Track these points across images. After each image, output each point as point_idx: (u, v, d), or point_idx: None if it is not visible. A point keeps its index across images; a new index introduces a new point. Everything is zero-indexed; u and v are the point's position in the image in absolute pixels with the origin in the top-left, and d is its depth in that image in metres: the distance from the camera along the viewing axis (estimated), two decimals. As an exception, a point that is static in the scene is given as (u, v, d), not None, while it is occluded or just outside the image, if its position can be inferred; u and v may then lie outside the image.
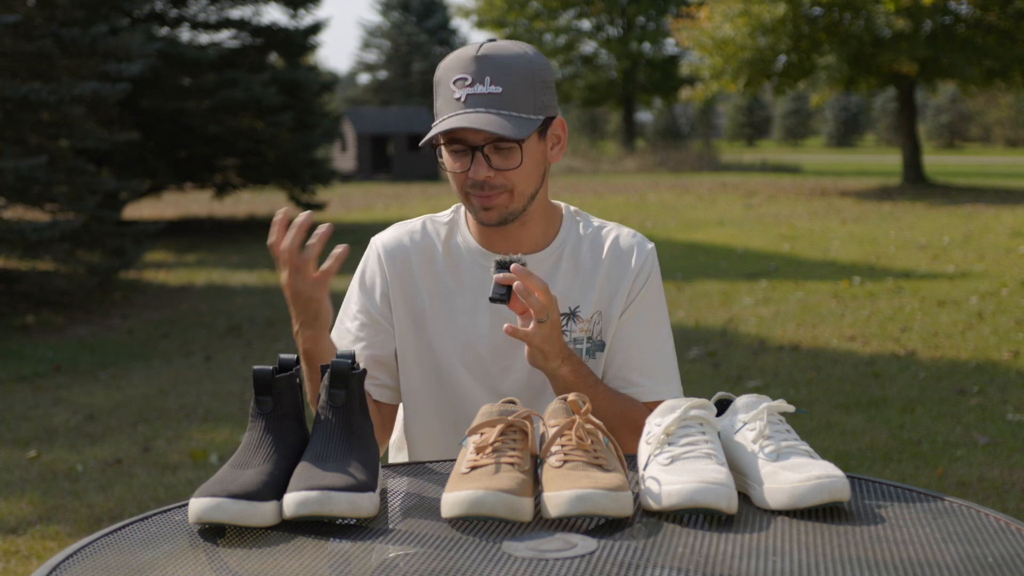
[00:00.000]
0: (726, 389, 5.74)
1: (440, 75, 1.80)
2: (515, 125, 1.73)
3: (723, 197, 20.81)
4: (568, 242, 1.92)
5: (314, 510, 1.33)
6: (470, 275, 1.90)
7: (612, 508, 1.31)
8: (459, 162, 1.80)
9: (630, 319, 1.90)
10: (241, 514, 1.34)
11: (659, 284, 1.94)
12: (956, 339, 6.97)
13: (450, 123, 1.74)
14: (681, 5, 32.77)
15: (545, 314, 1.68)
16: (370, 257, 1.96)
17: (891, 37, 20.96)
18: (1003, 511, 3.56)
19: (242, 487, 1.36)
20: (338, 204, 21.15)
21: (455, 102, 1.75)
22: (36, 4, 9.95)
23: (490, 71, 1.75)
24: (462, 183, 1.81)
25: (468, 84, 1.75)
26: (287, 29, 17.59)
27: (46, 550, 3.72)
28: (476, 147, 1.76)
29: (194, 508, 1.36)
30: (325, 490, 1.34)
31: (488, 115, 1.73)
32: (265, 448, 1.45)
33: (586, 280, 1.90)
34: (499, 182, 1.78)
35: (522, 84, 1.76)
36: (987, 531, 1.33)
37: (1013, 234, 13.03)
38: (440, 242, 1.93)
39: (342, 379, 1.48)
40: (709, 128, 61.88)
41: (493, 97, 1.74)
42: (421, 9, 50.84)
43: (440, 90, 1.79)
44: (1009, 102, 54.57)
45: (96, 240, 10.15)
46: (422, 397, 1.93)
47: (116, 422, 5.56)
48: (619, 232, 1.94)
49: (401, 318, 1.92)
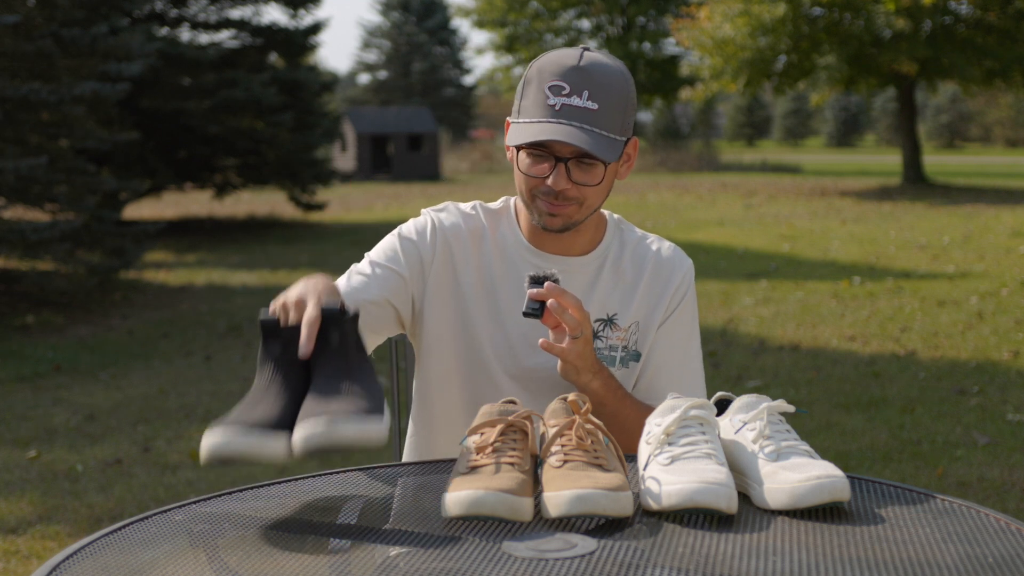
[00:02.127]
0: (726, 389, 5.74)
1: (534, 75, 1.78)
2: (606, 146, 1.74)
3: (723, 197, 20.81)
4: (611, 250, 1.93)
5: (322, 441, 1.32)
6: (514, 269, 1.90)
7: (612, 508, 1.31)
8: (537, 167, 1.79)
9: (666, 333, 1.92)
10: (256, 446, 1.34)
11: (695, 301, 1.96)
12: (956, 339, 6.97)
13: (546, 133, 1.73)
14: (681, 5, 32.75)
15: (579, 331, 1.69)
16: (420, 224, 1.93)
17: (891, 37, 20.96)
18: (1003, 511, 3.56)
19: (259, 419, 1.37)
20: (338, 204, 21.14)
21: (548, 108, 1.74)
22: (36, 4, 9.95)
23: (589, 85, 1.74)
24: (533, 186, 1.81)
25: (565, 94, 1.74)
26: (287, 29, 17.58)
27: (46, 550, 3.72)
28: (561, 158, 1.76)
29: (205, 445, 1.35)
30: (331, 416, 1.34)
31: (583, 132, 1.73)
32: (276, 388, 1.45)
33: (626, 290, 1.91)
34: (574, 195, 1.79)
35: (616, 105, 1.76)
36: (987, 531, 1.33)
37: (1013, 234, 13.03)
38: (490, 230, 1.93)
39: (335, 322, 1.48)
40: (709, 128, 61.83)
41: (588, 112, 1.74)
42: (421, 9, 50.86)
43: (531, 90, 1.78)
44: (1009, 102, 54.55)
45: (96, 240, 10.15)
46: (451, 378, 1.92)
47: (116, 422, 5.56)
48: (660, 245, 1.96)
49: (442, 297, 1.91)
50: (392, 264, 1.89)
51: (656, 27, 37.36)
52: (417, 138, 34.06)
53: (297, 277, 1.78)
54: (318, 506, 1.47)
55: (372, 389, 1.44)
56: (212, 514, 1.44)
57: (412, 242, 1.91)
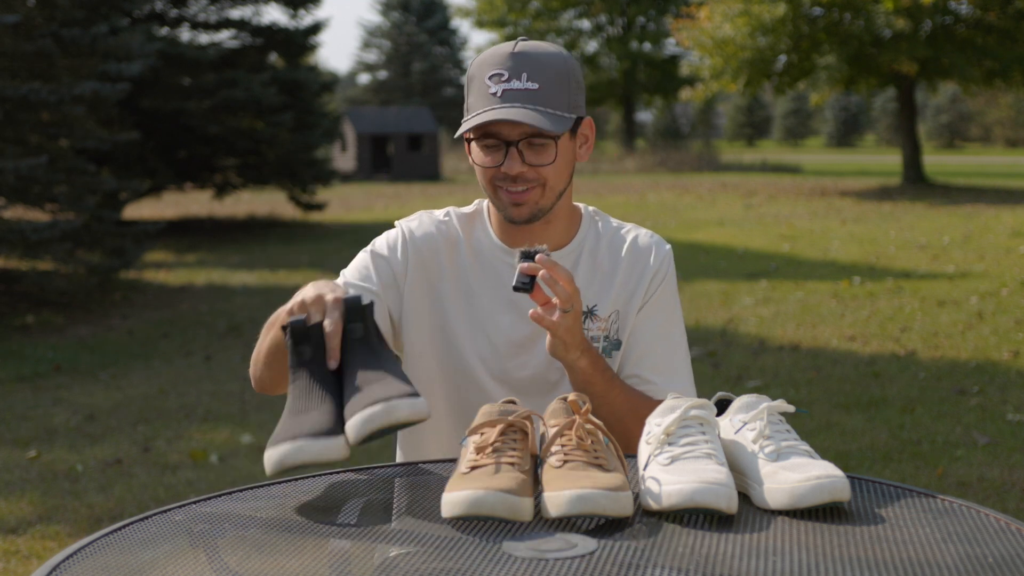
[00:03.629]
0: (726, 389, 5.74)
1: (474, 71, 1.80)
2: (551, 121, 1.75)
3: (723, 197, 20.81)
4: (587, 241, 1.94)
5: (382, 422, 1.40)
6: (491, 271, 1.91)
7: (612, 508, 1.31)
8: (491, 156, 1.80)
9: (645, 318, 1.92)
10: (324, 450, 1.41)
11: (674, 285, 1.96)
12: (956, 339, 6.97)
13: (488, 116, 1.74)
14: (681, 5, 32.76)
15: (570, 304, 1.69)
16: (391, 239, 1.94)
17: (891, 37, 20.96)
18: (1003, 511, 3.56)
19: (314, 426, 1.43)
20: (338, 204, 21.14)
21: (490, 96, 1.76)
22: (36, 4, 9.95)
23: (526, 67, 1.76)
24: (492, 177, 1.82)
25: (504, 80, 1.76)
26: (287, 29, 17.58)
27: (46, 550, 3.72)
28: (511, 142, 1.77)
29: (273, 457, 1.41)
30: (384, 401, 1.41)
31: (525, 110, 1.74)
32: (318, 390, 1.49)
33: (604, 279, 1.91)
34: (532, 176, 1.79)
35: (557, 82, 1.77)
36: (987, 531, 1.33)
37: (1013, 234, 13.03)
38: (464, 235, 1.94)
39: (357, 313, 1.53)
40: (709, 128, 61.87)
41: (529, 93, 1.75)
42: (421, 9, 50.84)
43: (473, 85, 1.80)
44: (1009, 102, 54.56)
45: (96, 240, 10.15)
46: (434, 388, 1.92)
47: (116, 422, 5.56)
48: (637, 233, 1.96)
49: (420, 309, 1.91)
50: (365, 283, 1.90)
51: (656, 27, 37.39)
52: (417, 138, 34.05)
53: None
54: (318, 506, 1.47)
55: (401, 374, 1.50)
56: (212, 514, 1.44)
57: (383, 258, 1.92)
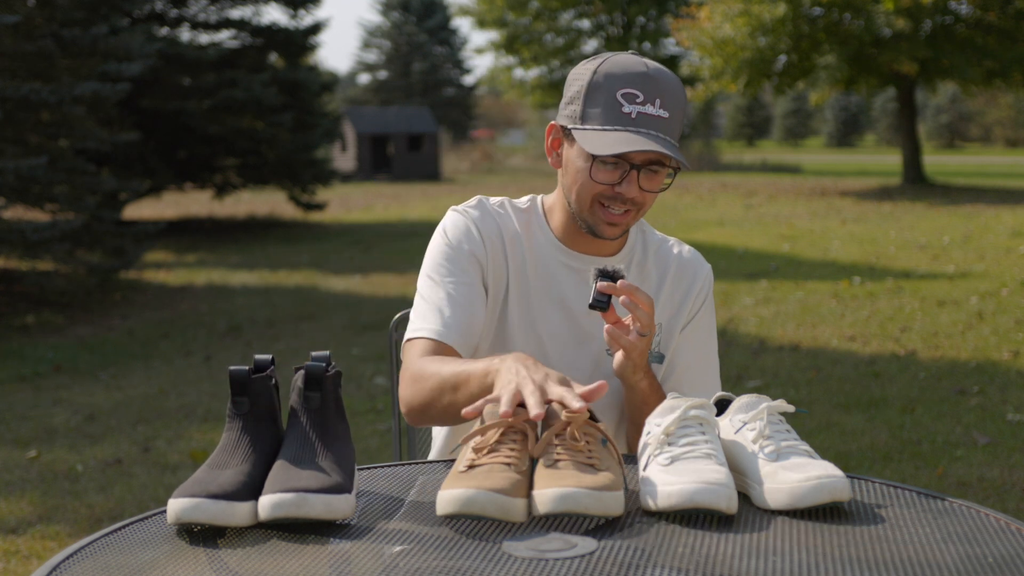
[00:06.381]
0: (726, 389, 5.73)
1: (603, 81, 1.75)
2: (678, 152, 1.75)
3: (723, 197, 20.81)
4: (636, 251, 1.95)
5: (289, 512, 1.33)
6: (546, 267, 1.90)
7: (595, 507, 1.31)
8: (607, 174, 1.77)
9: (690, 336, 1.94)
10: (220, 514, 1.34)
11: (713, 305, 1.99)
12: (956, 339, 6.97)
13: (637, 143, 1.70)
14: (681, 5, 32.75)
15: (648, 328, 1.70)
16: (461, 227, 1.89)
17: (891, 37, 20.96)
18: (1003, 511, 3.56)
19: (221, 487, 1.36)
20: (338, 204, 21.14)
21: (623, 116, 1.73)
22: (36, 4, 9.94)
23: (659, 93, 1.74)
24: (599, 193, 1.79)
25: (639, 102, 1.73)
26: (287, 29, 17.58)
27: (46, 550, 3.72)
28: (635, 165, 1.76)
29: (173, 508, 1.35)
30: (301, 492, 1.33)
31: (664, 140, 1.73)
32: (243, 448, 1.44)
33: (651, 291, 1.92)
34: (638, 201, 1.80)
35: (680, 113, 1.78)
36: (987, 531, 1.33)
37: (1013, 234, 13.03)
38: (523, 227, 1.92)
39: (316, 382, 1.47)
40: (709, 128, 61.82)
41: (661, 121, 1.74)
42: (421, 9, 50.86)
43: (600, 96, 1.75)
44: (1009, 102, 54.56)
45: (96, 240, 10.16)
46: None
47: (116, 422, 5.56)
48: (681, 248, 1.99)
49: (490, 295, 1.90)
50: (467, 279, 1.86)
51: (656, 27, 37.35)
52: (417, 138, 34.06)
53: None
54: (318, 506, 1.46)
55: (343, 462, 1.43)
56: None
57: (466, 251, 1.88)
